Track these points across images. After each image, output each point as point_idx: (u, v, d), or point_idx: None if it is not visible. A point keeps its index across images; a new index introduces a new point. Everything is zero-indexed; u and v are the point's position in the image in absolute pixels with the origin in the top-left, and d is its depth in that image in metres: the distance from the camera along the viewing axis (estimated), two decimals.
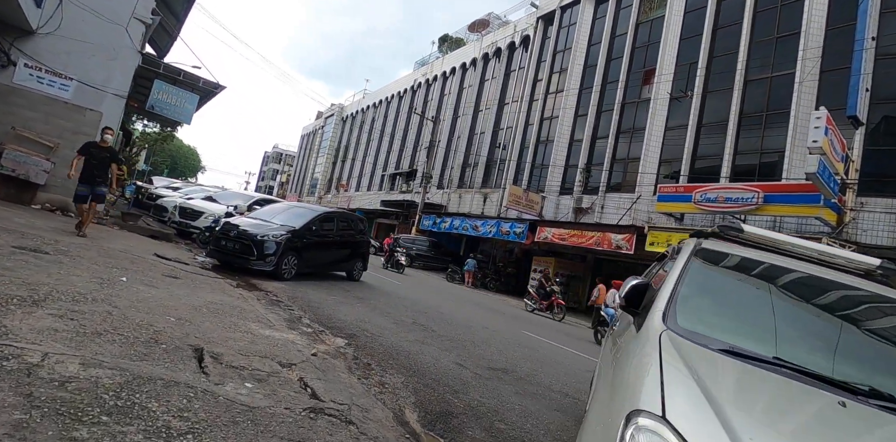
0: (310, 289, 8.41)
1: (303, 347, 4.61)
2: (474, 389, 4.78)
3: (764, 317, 2.02)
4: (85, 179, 7.60)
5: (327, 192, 48.75)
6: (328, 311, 6.91)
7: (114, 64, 10.57)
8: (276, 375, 3.43)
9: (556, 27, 24.98)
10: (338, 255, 10.53)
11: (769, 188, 12.92)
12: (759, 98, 15.55)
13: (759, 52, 15.86)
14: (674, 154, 17.52)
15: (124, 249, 7.17)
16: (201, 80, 11.77)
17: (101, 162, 7.76)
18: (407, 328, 7.02)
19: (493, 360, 6.34)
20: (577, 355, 8.67)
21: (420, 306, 9.71)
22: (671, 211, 15.52)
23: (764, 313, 2.05)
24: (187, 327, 3.89)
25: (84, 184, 7.63)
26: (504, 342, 7.87)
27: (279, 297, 7.10)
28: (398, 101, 40.50)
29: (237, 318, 4.90)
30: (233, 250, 8.46)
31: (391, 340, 5.99)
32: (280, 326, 5.23)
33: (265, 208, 10.64)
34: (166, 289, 5.22)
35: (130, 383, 2.33)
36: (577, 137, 21.91)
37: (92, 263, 5.27)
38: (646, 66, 19.56)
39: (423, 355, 5.62)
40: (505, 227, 21.00)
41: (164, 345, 3.21)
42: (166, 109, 11.38)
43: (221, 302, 5.46)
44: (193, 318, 4.29)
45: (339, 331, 5.87)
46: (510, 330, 9.81)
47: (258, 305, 6.03)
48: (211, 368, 3.07)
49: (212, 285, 6.41)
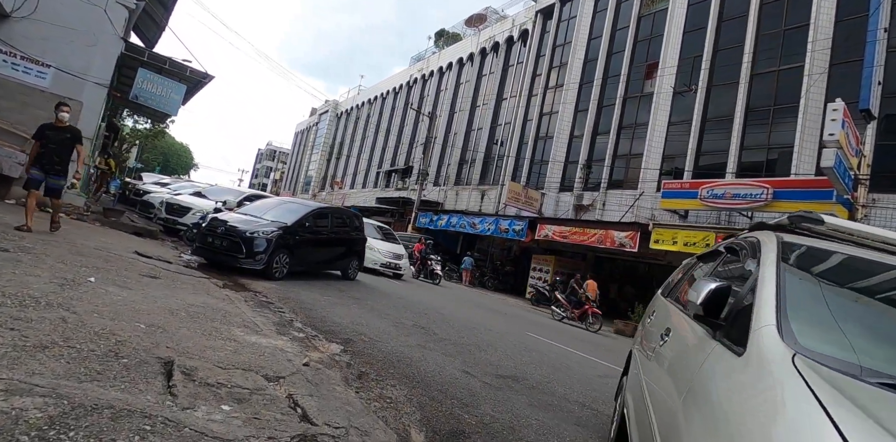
0: (302, 289, 7.89)
1: (293, 355, 4.11)
2: (485, 402, 4.30)
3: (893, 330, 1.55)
4: (39, 165, 6.54)
5: (321, 189, 48.10)
6: (322, 313, 6.40)
7: (94, 50, 9.99)
8: (261, 392, 2.93)
9: (555, 21, 24.49)
10: (332, 252, 10.00)
11: (779, 184, 12.52)
12: (766, 92, 15.14)
13: (766, 44, 15.45)
14: (677, 150, 17.10)
15: (100, 247, 6.62)
16: (188, 68, 11.18)
17: (61, 145, 6.62)
18: (407, 331, 6.53)
19: (501, 366, 5.86)
20: (585, 358, 8.21)
21: (419, 307, 9.22)
22: (676, 208, 15.11)
23: (892, 326, 1.58)
24: (158, 336, 3.37)
25: (38, 168, 6.55)
26: (510, 346, 7.39)
27: (269, 297, 6.59)
28: (394, 96, 39.90)
29: (220, 322, 4.39)
30: (220, 248, 7.92)
31: (391, 345, 5.49)
32: (268, 330, 4.72)
33: (255, 203, 10.10)
34: (141, 290, 4.69)
35: (66, 416, 1.82)
36: (577, 133, 21.46)
37: (57, 262, 4.73)
38: (648, 60, 19.12)
39: (426, 362, 5.13)
40: (504, 224, 20.53)
41: (125, 359, 2.70)
42: (151, 99, 10.79)
43: (204, 304, 4.94)
44: (168, 323, 3.77)
45: (333, 335, 5.37)
46: (514, 332, 9.34)
47: (245, 308, 5.51)
48: (180, 388, 2.56)
49: (195, 286, 5.88)
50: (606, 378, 6.73)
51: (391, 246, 15.05)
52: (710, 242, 13.23)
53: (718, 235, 13.15)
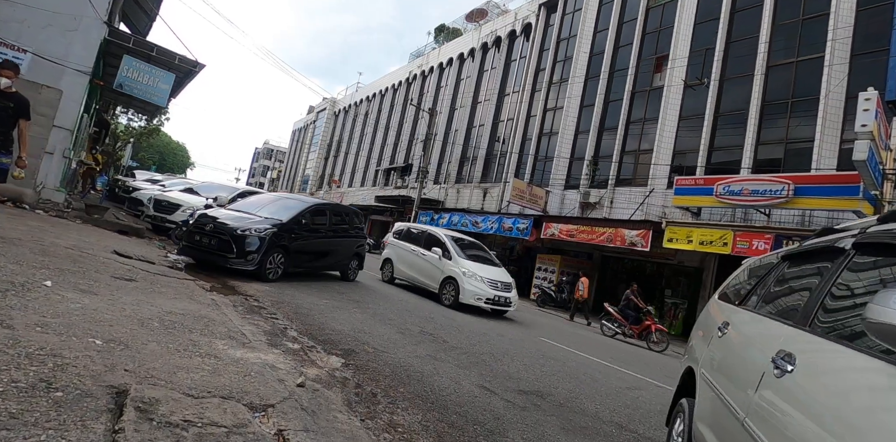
0: (298, 291, 7.24)
1: (286, 372, 3.46)
2: (512, 427, 3.66)
3: None
4: None
5: (319, 188, 47.38)
6: (320, 319, 5.75)
7: (74, 35, 9.30)
8: (242, 430, 2.28)
9: (559, 14, 23.86)
10: (331, 252, 9.34)
11: (801, 180, 11.91)
12: (783, 84, 14.53)
13: (783, 34, 14.85)
14: (689, 145, 16.50)
15: (73, 246, 5.94)
16: (177, 56, 10.48)
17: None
18: (415, 339, 5.88)
19: (522, 379, 5.21)
20: (606, 367, 7.57)
21: (424, 311, 8.57)
22: (689, 205, 14.49)
23: None
24: (117, 355, 2.71)
25: None
26: (526, 354, 6.75)
27: (261, 302, 5.93)
28: (392, 93, 39.22)
29: (200, 333, 3.73)
30: (208, 247, 7.26)
31: (398, 357, 4.85)
32: (258, 342, 4.06)
33: (249, 199, 9.43)
34: (108, 296, 4.03)
35: None
36: (582, 129, 20.83)
37: (11, 262, 4.06)
38: (657, 53, 18.49)
39: (439, 377, 4.49)
40: (507, 223, 19.90)
41: (59, 392, 2.04)
42: (137, 89, 10.10)
43: (184, 311, 4.28)
44: (133, 338, 3.12)
45: (333, 346, 4.72)
46: (526, 337, 8.70)
47: (233, 314, 4.85)
48: (130, 433, 1.90)
49: (177, 289, 5.22)
50: (636, 391, 6.10)
51: (495, 272, 10.84)
52: (727, 241, 12.62)
53: (737, 233, 12.54)
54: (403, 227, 12.90)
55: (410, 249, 11.54)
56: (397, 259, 11.80)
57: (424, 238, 11.49)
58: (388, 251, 12.30)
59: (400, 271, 11.68)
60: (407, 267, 11.51)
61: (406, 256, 11.61)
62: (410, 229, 12.49)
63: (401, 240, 12.11)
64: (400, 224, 13.40)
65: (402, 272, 11.65)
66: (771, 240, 11.83)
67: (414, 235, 11.94)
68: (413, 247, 11.50)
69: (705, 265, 15.80)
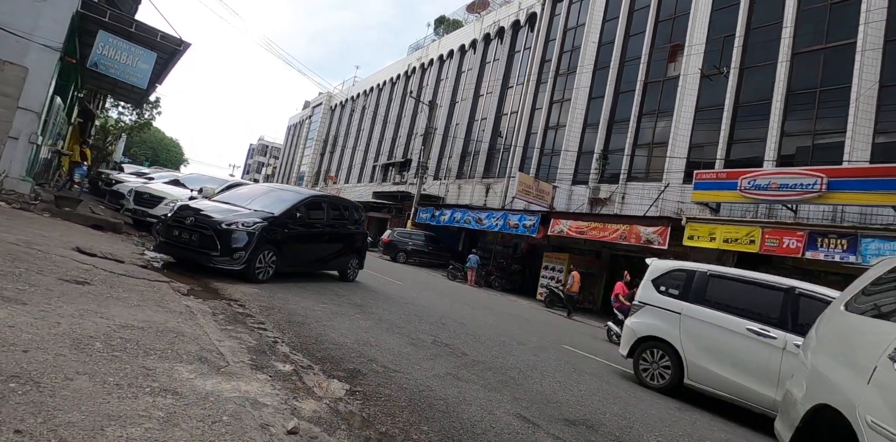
0: (292, 295, 6.32)
1: (273, 411, 2.56)
2: None
3: None
4: None
5: (315, 184, 46.32)
6: (317, 328, 4.83)
7: (43, 7, 8.33)
8: None
9: (566, 2, 22.91)
10: (328, 249, 8.40)
11: (835, 173, 11.04)
12: (810, 73, 13.66)
13: (810, 19, 13.96)
14: (707, 138, 15.61)
15: (23, 241, 5.01)
16: (160, 33, 9.49)
17: None
18: (429, 352, 4.98)
19: (563, 403, 4.32)
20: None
21: (433, 315, 7.67)
22: (710, 200, 13.62)
23: None
24: (13, 401, 1.80)
25: None
26: (556, 368, 5.86)
27: (248, 308, 5.01)
28: (391, 87, 38.17)
29: (159, 357, 2.82)
30: (188, 243, 6.33)
31: (414, 378, 3.95)
32: (238, 364, 3.15)
33: (237, 190, 8.48)
34: (43, 304, 3.11)
35: None
36: (591, 121, 19.91)
37: None
38: (672, 42, 17.58)
39: (467, 405, 3.59)
40: (513, 219, 18.99)
41: None
42: (114, 68, 9.10)
43: (145, 324, 3.37)
44: (54, 369, 2.20)
45: (334, 365, 3.81)
46: (549, 344, 7.81)
47: (210, 326, 3.94)
48: None
49: (143, 294, 4.30)
50: (687, 412, 5.22)
51: None
52: (755, 239, 11.77)
53: (766, 230, 11.69)
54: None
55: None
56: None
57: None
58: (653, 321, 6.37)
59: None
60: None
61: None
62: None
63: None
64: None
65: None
66: (804, 238, 10.98)
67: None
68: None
69: (722, 264, 14.94)
